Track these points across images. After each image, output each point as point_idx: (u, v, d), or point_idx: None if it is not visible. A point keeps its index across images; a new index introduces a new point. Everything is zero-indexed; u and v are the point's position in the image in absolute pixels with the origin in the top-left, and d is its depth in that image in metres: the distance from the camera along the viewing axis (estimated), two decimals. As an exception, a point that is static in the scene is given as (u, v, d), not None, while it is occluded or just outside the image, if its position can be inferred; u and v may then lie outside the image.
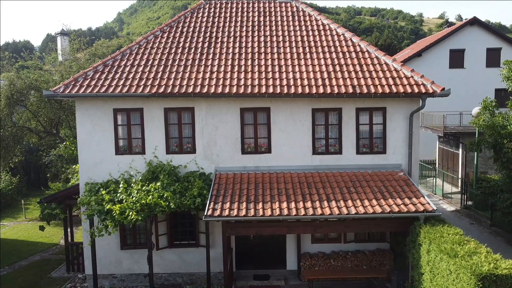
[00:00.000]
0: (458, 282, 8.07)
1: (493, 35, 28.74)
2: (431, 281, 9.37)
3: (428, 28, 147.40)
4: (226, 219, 10.58)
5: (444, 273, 8.71)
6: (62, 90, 12.38)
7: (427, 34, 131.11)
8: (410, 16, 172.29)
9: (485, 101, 16.64)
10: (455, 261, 8.24)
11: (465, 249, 8.51)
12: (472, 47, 28.89)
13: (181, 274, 13.45)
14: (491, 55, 28.80)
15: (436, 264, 9.12)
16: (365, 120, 12.97)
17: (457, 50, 29.10)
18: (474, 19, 28.62)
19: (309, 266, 12.95)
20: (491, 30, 28.90)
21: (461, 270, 8.03)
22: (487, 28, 28.86)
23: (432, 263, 9.33)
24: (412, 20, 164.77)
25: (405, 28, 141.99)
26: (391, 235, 13.17)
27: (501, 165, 15.07)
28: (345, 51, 13.88)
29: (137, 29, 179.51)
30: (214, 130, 12.93)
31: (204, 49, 14.08)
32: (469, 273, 7.72)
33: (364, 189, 11.68)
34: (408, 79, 12.63)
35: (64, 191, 14.18)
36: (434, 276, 9.22)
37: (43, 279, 14.15)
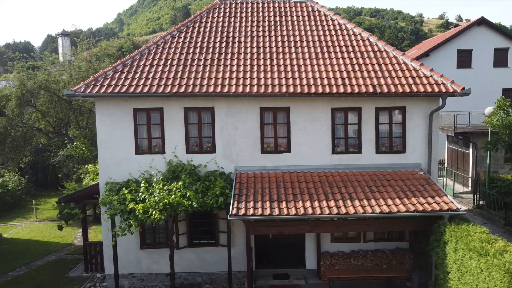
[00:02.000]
0: (490, 280, 8.11)
1: (501, 35, 28.82)
2: (458, 279, 9.40)
3: (428, 29, 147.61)
4: (251, 218, 10.61)
5: (474, 271, 8.74)
6: (83, 90, 12.39)
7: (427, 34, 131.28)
8: (410, 17, 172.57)
9: (499, 101, 16.72)
10: (486, 259, 8.27)
11: (495, 247, 8.54)
12: (479, 47, 28.95)
13: (200, 274, 13.47)
14: (499, 55, 28.87)
15: (464, 263, 9.15)
16: (385, 119, 13.01)
17: (465, 50, 29.17)
18: (481, 19, 28.70)
19: (329, 265, 12.98)
20: (498, 30, 28.99)
21: (493, 268, 8.06)
22: (494, 28, 28.94)
23: (460, 262, 9.35)
24: (412, 20, 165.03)
25: (405, 28, 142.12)
26: (410, 234, 13.20)
27: (517, 164, 15.11)
28: (363, 51, 13.92)
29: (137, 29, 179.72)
30: (234, 130, 12.95)
31: (222, 49, 14.11)
32: (502, 271, 7.75)
33: (386, 188, 11.72)
34: (428, 79, 12.67)
35: (82, 191, 14.17)
36: (462, 274, 9.25)
37: (61, 278, 14.14)
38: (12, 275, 14.62)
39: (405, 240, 13.39)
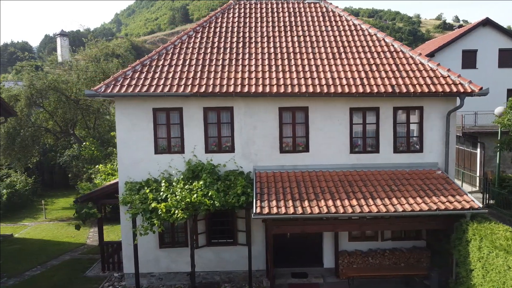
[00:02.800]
0: (519, 277, 8.23)
1: (505, 36, 28.98)
2: (483, 277, 9.52)
3: (426, 29, 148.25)
4: (275, 217, 10.70)
5: (500, 269, 8.85)
6: (104, 90, 12.43)
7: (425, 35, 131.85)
8: (408, 17, 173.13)
9: (510, 101, 16.86)
10: (514, 256, 8.39)
11: (521, 245, 8.66)
12: (484, 47, 29.11)
13: (218, 273, 13.53)
14: (504, 55, 29.03)
15: (489, 260, 9.27)
16: (402, 119, 13.13)
17: (470, 51, 29.32)
18: (486, 20, 28.86)
19: (347, 264, 13.08)
20: (503, 31, 29.14)
21: (521, 266, 8.18)
22: (499, 29, 29.10)
23: (484, 260, 9.47)
24: (410, 21, 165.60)
25: (403, 29, 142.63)
26: (427, 233, 13.32)
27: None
28: (379, 51, 14.04)
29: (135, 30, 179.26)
30: (253, 129, 13.02)
31: (239, 49, 14.19)
32: (531, 268, 7.87)
33: (406, 187, 11.84)
34: (445, 79, 12.80)
35: (99, 190, 14.20)
36: (487, 272, 9.37)
37: (78, 278, 14.17)
38: (29, 275, 14.63)
39: (422, 239, 13.51)
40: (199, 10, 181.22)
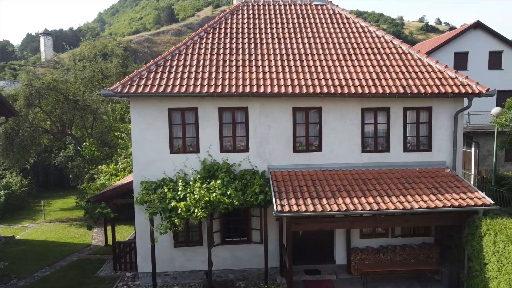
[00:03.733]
0: (537, 269, 8.64)
1: (495, 38, 29.87)
2: (499, 270, 9.93)
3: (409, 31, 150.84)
4: (295, 214, 10.93)
5: (517, 261, 9.27)
6: (120, 90, 12.46)
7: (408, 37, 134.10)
8: (391, 19, 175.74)
9: (508, 101, 17.48)
10: (532, 249, 8.81)
11: (537, 238, 9.09)
12: (475, 49, 29.94)
13: (232, 271, 13.70)
14: (493, 57, 29.92)
15: (506, 254, 9.68)
16: (412, 119, 13.53)
17: (461, 53, 30.12)
18: (477, 23, 29.71)
19: (359, 260, 13.40)
20: (493, 34, 29.99)
21: (539, 258, 8.59)
22: (489, 32, 29.94)
23: (500, 254, 9.88)
24: (394, 23, 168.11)
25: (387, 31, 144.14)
26: (436, 229, 13.74)
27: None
28: (388, 53, 14.41)
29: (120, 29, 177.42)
30: (267, 129, 13.23)
31: (251, 50, 14.37)
32: (550, 260, 8.29)
33: (418, 185, 12.22)
34: (453, 80, 13.24)
35: (112, 190, 14.21)
36: (503, 265, 9.78)
37: (91, 278, 14.14)
38: (39, 276, 14.53)
39: (431, 235, 13.93)
40: (185, 10, 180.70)
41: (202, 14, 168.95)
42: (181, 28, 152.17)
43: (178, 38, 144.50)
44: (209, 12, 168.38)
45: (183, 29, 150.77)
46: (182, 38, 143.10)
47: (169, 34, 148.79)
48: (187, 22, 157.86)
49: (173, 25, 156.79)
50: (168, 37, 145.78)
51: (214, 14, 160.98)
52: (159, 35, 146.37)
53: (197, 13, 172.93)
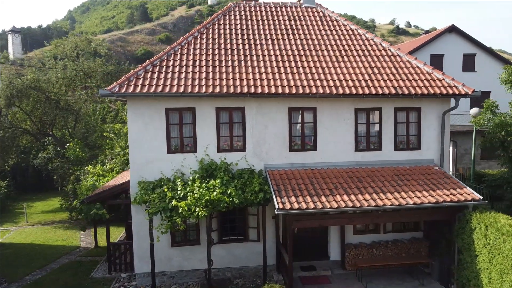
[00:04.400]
0: (528, 258, 9.23)
1: (469, 42, 31.16)
2: (490, 261, 10.52)
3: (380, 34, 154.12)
4: (297, 212, 11.20)
5: (508, 252, 9.85)
6: (118, 90, 12.40)
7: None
8: (363, 22, 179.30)
9: (487, 102, 18.34)
10: (523, 241, 9.40)
11: (526, 230, 9.70)
12: (450, 52, 31.13)
13: (230, 269, 13.84)
14: (467, 60, 31.21)
15: (497, 246, 10.27)
16: (402, 119, 14.06)
17: (437, 55, 31.25)
18: (452, 27, 30.92)
19: (353, 256, 13.82)
20: (467, 37, 31.28)
21: (529, 248, 9.18)
22: (463, 35, 31.21)
23: (491, 246, 10.47)
24: (365, 25, 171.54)
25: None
26: (425, 224, 14.33)
27: (508, 159, 16.73)
28: (378, 55, 14.91)
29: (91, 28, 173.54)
30: (264, 129, 13.46)
31: (246, 51, 14.56)
32: (540, 250, 8.88)
33: (410, 182, 12.74)
34: (441, 81, 13.86)
35: (107, 191, 14.07)
36: (494, 256, 10.37)
37: (86, 280, 13.98)
38: (30, 279, 14.24)
39: (420, 230, 14.52)
40: (158, 9, 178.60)
41: (176, 13, 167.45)
42: (155, 27, 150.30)
43: (152, 38, 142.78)
44: (183, 11, 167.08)
45: (157, 28, 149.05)
46: (156, 37, 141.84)
47: (143, 33, 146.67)
48: (161, 22, 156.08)
49: (147, 24, 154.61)
50: (142, 36, 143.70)
51: (188, 14, 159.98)
52: (132, 34, 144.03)
53: (171, 13, 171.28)
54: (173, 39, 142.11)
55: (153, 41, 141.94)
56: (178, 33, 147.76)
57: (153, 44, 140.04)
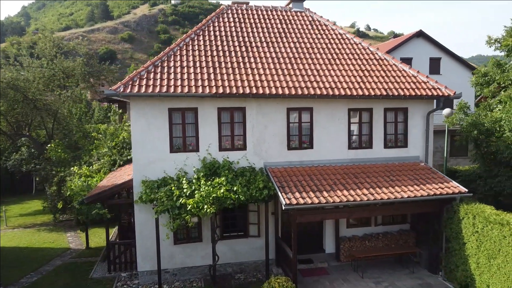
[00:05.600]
0: (515, 243, 10.31)
1: (435, 46, 33.09)
2: (478, 247, 11.58)
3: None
4: (303, 207, 11.81)
5: (495, 239, 10.92)
6: (123, 90, 12.53)
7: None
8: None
9: (460, 103, 19.77)
10: (510, 227, 10.47)
11: (510, 219, 10.78)
12: (418, 56, 32.93)
13: (231, 264, 14.26)
14: (433, 63, 33.14)
15: (484, 233, 11.33)
16: (391, 118, 15.02)
17: (406, 59, 32.88)
18: (420, 32, 32.73)
19: (348, 248, 14.62)
20: (433, 42, 33.19)
21: (516, 234, 10.27)
22: (430, 40, 33.10)
23: (479, 233, 11.53)
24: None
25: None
26: (412, 217, 15.37)
27: (480, 156, 18.16)
28: (367, 59, 15.82)
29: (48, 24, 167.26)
30: (264, 128, 13.98)
31: (243, 53, 15.02)
32: (527, 235, 9.97)
33: (401, 177, 13.68)
34: (426, 84, 14.94)
35: (108, 191, 14.07)
36: (482, 243, 11.43)
37: (86, 280, 13.94)
38: (27, 282, 14.00)
39: (407, 222, 15.55)
40: (119, 7, 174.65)
41: (139, 12, 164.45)
42: (117, 25, 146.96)
43: (114, 36, 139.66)
44: (146, 10, 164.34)
45: (120, 27, 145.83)
46: (119, 36, 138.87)
47: (105, 31, 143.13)
48: (123, 20, 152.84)
49: (109, 23, 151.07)
50: (103, 34, 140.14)
51: (151, 13, 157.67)
52: (93, 32, 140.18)
53: (133, 11, 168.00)
54: (136, 38, 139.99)
55: (116, 40, 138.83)
56: (141, 32, 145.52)
57: (116, 43, 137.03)
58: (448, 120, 20.51)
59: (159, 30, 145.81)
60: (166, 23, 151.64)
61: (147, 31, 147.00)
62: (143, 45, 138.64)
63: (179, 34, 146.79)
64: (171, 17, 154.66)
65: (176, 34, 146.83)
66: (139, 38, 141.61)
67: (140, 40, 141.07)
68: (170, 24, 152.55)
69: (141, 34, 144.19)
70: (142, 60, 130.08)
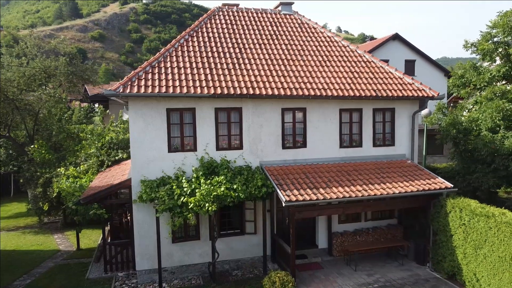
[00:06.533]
0: (500, 234, 11.10)
1: (410, 49, 34.37)
2: (464, 239, 12.37)
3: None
4: (302, 203, 12.27)
5: (482, 230, 11.71)
6: (122, 90, 12.60)
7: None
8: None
9: (439, 104, 20.78)
10: (495, 219, 11.27)
11: (497, 210, 11.60)
12: (394, 58, 34.08)
13: (228, 261, 14.54)
14: (408, 65, 34.39)
15: (471, 225, 12.12)
16: (379, 118, 15.71)
17: (383, 61, 33.89)
18: (396, 35, 33.95)
19: (340, 243, 15.20)
20: (408, 44, 34.47)
21: (502, 225, 11.06)
22: (405, 43, 34.37)
23: (466, 225, 12.31)
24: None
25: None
26: (400, 212, 16.12)
27: (458, 154, 19.17)
28: (355, 61, 16.46)
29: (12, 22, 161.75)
30: (259, 128, 14.35)
31: (237, 54, 15.33)
32: (511, 226, 10.78)
33: (391, 174, 14.37)
34: (411, 85, 15.71)
35: (105, 191, 14.03)
36: (468, 234, 12.22)
37: (82, 281, 13.88)
38: (21, 284, 13.81)
39: (394, 217, 16.29)
40: (89, 5, 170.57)
41: (109, 10, 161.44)
42: (86, 24, 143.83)
43: (84, 35, 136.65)
44: (116, 8, 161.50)
45: (89, 25, 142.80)
46: (89, 34, 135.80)
47: (74, 30, 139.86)
48: (93, 18, 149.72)
49: (78, 21, 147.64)
50: (72, 33, 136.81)
51: (123, 11, 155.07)
52: (62, 30, 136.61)
53: (103, 9, 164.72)
54: (107, 37, 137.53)
55: (86, 39, 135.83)
56: (112, 30, 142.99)
57: (86, 41, 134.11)
58: (427, 120, 21.48)
59: (131, 29, 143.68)
60: (138, 22, 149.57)
61: (118, 30, 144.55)
62: (114, 44, 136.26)
63: (151, 34, 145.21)
64: (143, 16, 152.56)
65: (148, 34, 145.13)
66: (110, 37, 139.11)
67: (111, 39, 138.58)
68: (142, 23, 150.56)
69: (112, 33, 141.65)
70: (114, 59, 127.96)
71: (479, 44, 19.00)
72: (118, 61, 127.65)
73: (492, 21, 17.85)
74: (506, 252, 10.97)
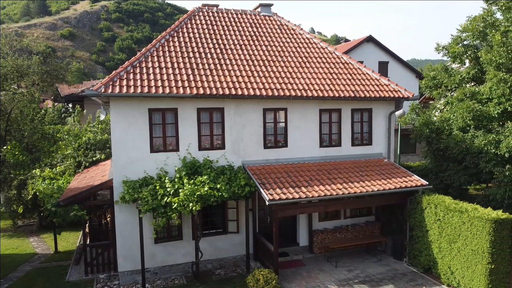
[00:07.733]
0: (473, 228, 11.67)
1: (383, 51, 35.31)
2: (439, 234, 12.91)
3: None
4: (285, 201, 12.51)
5: (456, 225, 12.27)
6: (104, 90, 12.50)
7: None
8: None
9: (412, 105, 21.50)
10: (468, 214, 11.84)
11: (469, 206, 12.19)
12: (368, 59, 34.84)
13: (211, 261, 14.62)
14: (382, 67, 35.29)
15: (446, 220, 12.66)
16: (357, 118, 16.15)
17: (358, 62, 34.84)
18: (370, 37, 34.80)
19: (320, 240, 15.54)
20: (381, 46, 35.40)
21: (474, 220, 11.64)
22: (378, 45, 35.28)
23: (440, 221, 12.86)
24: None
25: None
26: (377, 209, 16.62)
27: (431, 153, 19.90)
28: (334, 62, 16.86)
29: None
30: (241, 128, 14.51)
31: (218, 55, 15.43)
32: (483, 220, 11.35)
33: (369, 172, 14.81)
34: (388, 86, 16.24)
35: (85, 192, 13.84)
36: (443, 229, 12.77)
37: (62, 284, 13.66)
38: (-2, 289, 13.48)
39: (372, 214, 16.78)
40: (58, 2, 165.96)
41: (79, 8, 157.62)
42: (56, 21, 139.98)
43: (53, 33, 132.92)
44: (87, 6, 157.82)
45: (59, 23, 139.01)
46: (58, 32, 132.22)
47: (42, 27, 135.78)
48: (62, 16, 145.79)
49: (47, 18, 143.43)
50: (41, 30, 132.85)
51: (94, 9, 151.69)
52: (30, 28, 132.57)
53: (73, 7, 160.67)
54: (78, 36, 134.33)
55: (55, 37, 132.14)
56: (83, 29, 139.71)
57: (55, 39, 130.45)
58: (401, 120, 22.18)
59: (102, 28, 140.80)
60: (110, 21, 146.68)
61: (89, 28, 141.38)
62: (85, 43, 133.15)
63: (124, 32, 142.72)
64: (115, 15, 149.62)
65: (120, 32, 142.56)
66: (81, 36, 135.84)
67: (82, 37, 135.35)
68: (114, 22, 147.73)
69: (82, 31, 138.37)
70: (84, 58, 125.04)
71: (450, 47, 19.77)
72: (90, 60, 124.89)
73: (462, 25, 18.60)
74: (478, 245, 11.55)
